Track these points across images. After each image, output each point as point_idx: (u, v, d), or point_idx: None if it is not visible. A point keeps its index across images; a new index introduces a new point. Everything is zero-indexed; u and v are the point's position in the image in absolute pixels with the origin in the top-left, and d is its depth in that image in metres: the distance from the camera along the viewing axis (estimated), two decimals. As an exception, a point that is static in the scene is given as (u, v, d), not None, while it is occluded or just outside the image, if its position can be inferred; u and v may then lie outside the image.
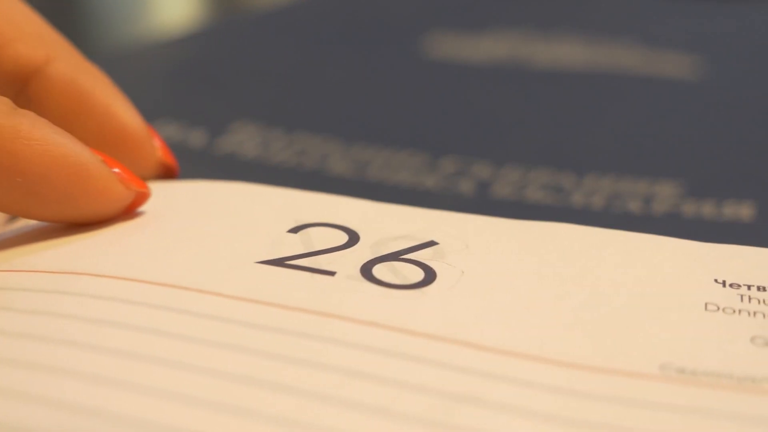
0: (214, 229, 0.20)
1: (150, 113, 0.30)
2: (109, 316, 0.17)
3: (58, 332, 0.16)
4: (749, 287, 0.18)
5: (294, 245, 0.19)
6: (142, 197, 0.20)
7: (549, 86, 0.35)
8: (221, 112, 0.31)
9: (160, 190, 0.21)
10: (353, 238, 0.19)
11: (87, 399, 0.15)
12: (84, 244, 0.19)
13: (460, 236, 0.20)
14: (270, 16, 0.46)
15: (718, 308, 0.17)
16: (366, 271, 0.18)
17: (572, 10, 0.46)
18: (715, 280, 0.18)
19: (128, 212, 0.20)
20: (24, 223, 0.21)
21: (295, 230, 0.20)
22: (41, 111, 0.20)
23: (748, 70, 0.38)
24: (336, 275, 0.18)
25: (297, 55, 0.39)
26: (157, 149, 0.22)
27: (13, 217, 0.22)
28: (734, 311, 0.17)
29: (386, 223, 0.20)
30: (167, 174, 0.23)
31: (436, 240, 0.20)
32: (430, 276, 0.18)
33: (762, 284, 0.18)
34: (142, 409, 0.14)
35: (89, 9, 0.65)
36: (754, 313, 0.17)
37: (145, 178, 0.21)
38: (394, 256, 0.19)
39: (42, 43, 0.21)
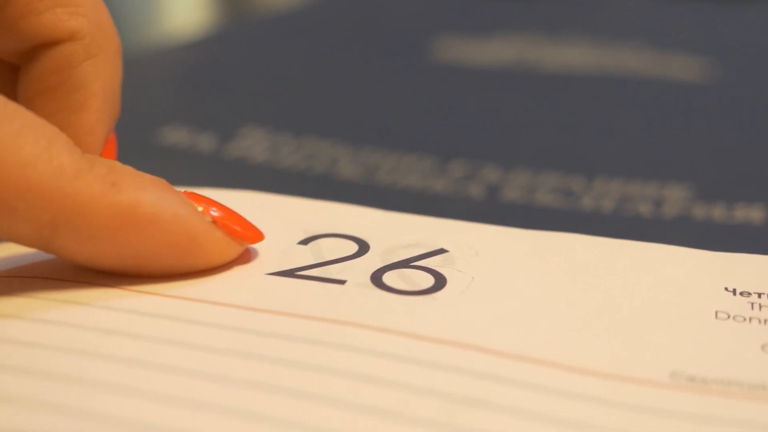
0: None
1: (159, 117, 0.30)
2: (122, 327, 0.17)
3: (70, 342, 0.16)
4: (760, 295, 0.18)
5: (304, 256, 0.19)
6: (255, 242, 0.19)
7: (557, 89, 0.35)
8: (230, 116, 0.31)
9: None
10: (363, 247, 0.20)
11: (100, 407, 0.15)
12: None
13: (471, 244, 0.20)
14: (278, 21, 0.46)
15: (729, 316, 0.17)
16: (376, 278, 0.18)
17: (580, 14, 0.46)
18: (726, 289, 0.18)
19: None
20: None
21: (305, 242, 0.20)
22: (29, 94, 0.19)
23: (757, 72, 0.38)
24: (346, 284, 0.18)
25: (305, 60, 0.39)
26: (227, 239, 0.19)
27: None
28: (745, 319, 0.17)
29: (396, 232, 0.20)
30: None
31: (446, 248, 0.20)
32: (440, 282, 0.18)
33: None
34: (155, 417, 0.14)
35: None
36: (765, 321, 0.17)
37: None
38: (404, 264, 0.19)
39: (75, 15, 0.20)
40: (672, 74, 0.37)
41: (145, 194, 0.17)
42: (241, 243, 0.19)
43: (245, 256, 0.19)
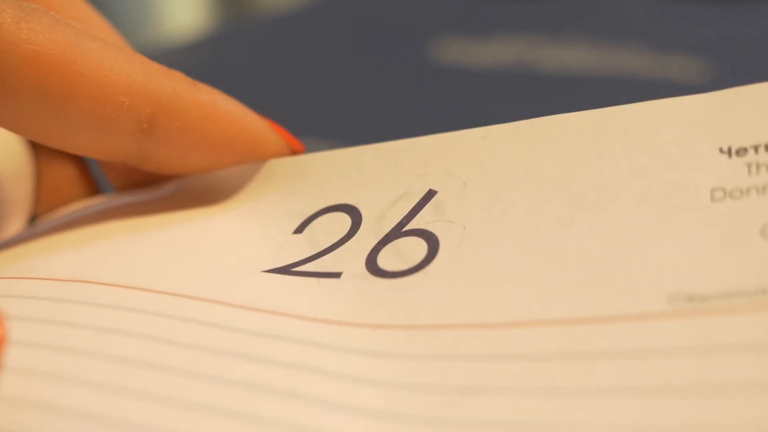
0: (221, 236, 0.20)
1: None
2: (116, 325, 0.17)
3: (64, 340, 0.16)
4: (756, 149, 0.17)
5: (300, 247, 0.19)
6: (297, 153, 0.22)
7: (557, 91, 0.35)
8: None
9: (168, 197, 0.21)
10: (356, 219, 0.19)
11: (94, 406, 0.15)
12: (90, 252, 0.19)
13: (456, 170, 0.19)
14: (278, 23, 0.46)
15: (725, 193, 0.17)
16: (371, 263, 0.18)
17: (579, 15, 0.46)
18: (720, 150, 0.17)
19: None
20: (31, 229, 0.21)
21: (300, 228, 0.19)
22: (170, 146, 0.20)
23: (757, 73, 0.38)
24: (342, 276, 0.18)
25: (304, 61, 0.39)
26: (283, 141, 0.22)
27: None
28: (742, 192, 0.16)
29: (382, 185, 0.19)
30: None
31: (434, 188, 0.19)
32: (432, 249, 0.18)
33: None
34: (148, 417, 0.14)
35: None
36: (764, 189, 0.16)
37: None
38: (398, 231, 0.19)
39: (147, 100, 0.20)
40: (671, 75, 0.37)
41: (219, 95, 0.20)
42: (290, 147, 0.21)
43: None
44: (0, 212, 0.22)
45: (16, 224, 0.22)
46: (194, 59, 0.39)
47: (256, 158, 0.21)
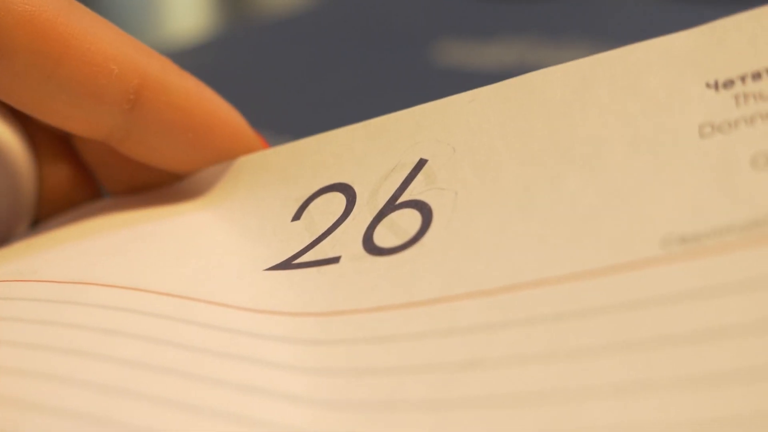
0: (222, 234, 0.20)
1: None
2: (117, 326, 0.17)
3: (66, 342, 0.16)
4: (743, 79, 0.17)
5: (300, 235, 0.19)
6: None
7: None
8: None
9: (166, 197, 0.21)
10: (350, 197, 0.19)
11: (95, 408, 0.15)
12: (92, 254, 0.19)
13: (445, 136, 0.19)
14: (279, 25, 0.46)
15: (713, 128, 0.16)
16: (368, 241, 0.18)
17: (580, 16, 0.46)
18: (707, 85, 0.17)
19: None
20: (33, 232, 0.21)
21: (298, 215, 0.19)
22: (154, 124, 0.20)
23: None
24: (341, 261, 0.18)
25: (306, 64, 0.39)
26: (258, 141, 0.22)
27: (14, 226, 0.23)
28: (730, 125, 0.16)
29: (375, 160, 0.19)
30: None
31: (424, 157, 0.19)
32: (426, 218, 0.18)
33: (756, 68, 0.17)
34: (149, 419, 0.14)
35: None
36: (752, 119, 0.16)
37: None
38: (392, 205, 0.18)
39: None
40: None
41: (203, 85, 0.21)
42: (263, 145, 0.22)
43: None
44: (2, 216, 0.22)
45: (18, 228, 0.22)
46: (195, 62, 0.39)
47: (232, 152, 0.21)
